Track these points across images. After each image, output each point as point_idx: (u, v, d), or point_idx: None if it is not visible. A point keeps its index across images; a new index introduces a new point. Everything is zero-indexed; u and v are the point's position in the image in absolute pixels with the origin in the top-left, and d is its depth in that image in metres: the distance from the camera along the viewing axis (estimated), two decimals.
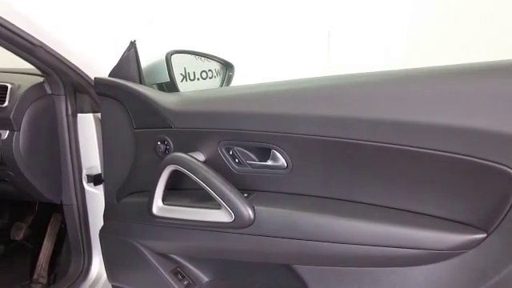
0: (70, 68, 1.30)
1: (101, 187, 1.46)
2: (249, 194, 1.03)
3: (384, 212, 0.92)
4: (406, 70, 0.95)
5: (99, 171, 1.45)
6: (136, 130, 1.15)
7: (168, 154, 1.09)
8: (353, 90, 0.95)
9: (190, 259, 1.21)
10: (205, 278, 1.22)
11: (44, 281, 1.77)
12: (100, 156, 1.43)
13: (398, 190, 0.91)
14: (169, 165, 1.02)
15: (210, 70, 1.44)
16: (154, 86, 1.30)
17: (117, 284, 1.28)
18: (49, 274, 1.80)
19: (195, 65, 1.40)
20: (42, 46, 1.21)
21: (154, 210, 1.06)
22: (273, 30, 3.64)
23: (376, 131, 0.87)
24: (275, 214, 0.98)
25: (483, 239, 0.84)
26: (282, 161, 1.00)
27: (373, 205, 0.94)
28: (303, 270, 1.00)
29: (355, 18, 3.68)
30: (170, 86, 1.29)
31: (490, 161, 0.79)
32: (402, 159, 0.87)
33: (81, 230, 1.52)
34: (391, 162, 0.89)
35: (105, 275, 1.38)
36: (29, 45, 1.19)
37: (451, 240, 0.85)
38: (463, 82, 0.86)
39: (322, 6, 3.70)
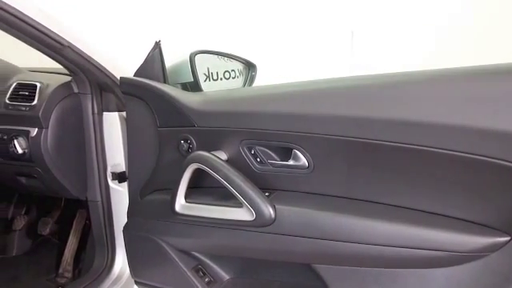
0: (97, 68, 1.33)
1: (125, 184, 1.48)
2: (270, 193, 1.04)
3: (405, 213, 0.92)
4: (428, 70, 0.94)
5: (124, 169, 1.48)
6: (160, 129, 1.17)
7: (191, 152, 1.10)
8: (375, 90, 0.95)
9: (212, 257, 1.22)
10: (226, 276, 1.23)
11: (69, 275, 1.82)
12: (125, 154, 1.46)
13: (419, 191, 0.91)
14: (192, 163, 1.04)
15: (232, 70, 1.46)
16: (178, 85, 1.32)
17: (139, 280, 1.30)
18: (73, 269, 1.84)
19: (218, 65, 1.42)
20: (70, 46, 1.24)
21: (177, 208, 1.08)
22: (296, 30, 3.63)
23: (398, 132, 0.86)
24: (296, 214, 0.98)
25: (507, 242, 0.83)
26: (303, 160, 1.01)
27: (394, 206, 0.94)
28: (323, 270, 1.00)
29: (379, 17, 3.65)
30: (194, 86, 1.30)
31: None
32: (423, 160, 0.86)
33: (105, 226, 1.55)
34: (412, 162, 0.88)
35: (128, 271, 1.41)
36: (57, 45, 1.22)
37: (474, 242, 0.84)
38: (487, 83, 0.85)
39: (345, 6, 3.68)
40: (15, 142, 1.43)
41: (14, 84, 1.49)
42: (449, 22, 3.44)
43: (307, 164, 1.00)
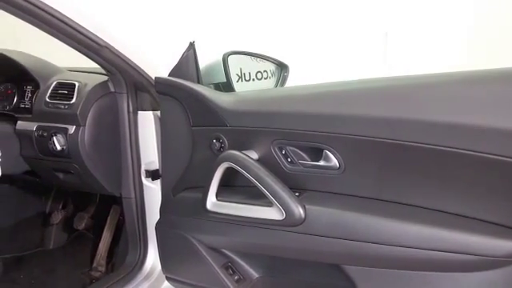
0: (133, 68, 1.36)
1: (158, 182, 1.51)
2: (300, 193, 1.04)
3: (436, 215, 0.90)
4: (460, 72, 0.93)
5: (157, 167, 1.51)
6: (193, 128, 1.19)
7: (223, 151, 1.12)
8: (407, 91, 0.94)
9: (241, 255, 1.23)
10: (255, 274, 1.24)
11: (103, 269, 1.86)
12: (158, 152, 1.48)
13: (451, 193, 0.89)
14: (223, 162, 1.06)
15: (265, 71, 1.47)
16: (211, 85, 1.34)
17: (170, 275, 1.33)
18: (107, 263, 1.88)
19: (251, 65, 1.43)
20: (107, 47, 1.27)
21: (208, 206, 1.10)
22: (330, 31, 3.62)
23: (430, 133, 0.86)
24: (326, 214, 0.98)
25: None
26: (334, 161, 1.01)
27: (425, 208, 0.93)
28: (352, 271, 1.00)
29: (413, 18, 3.59)
30: (227, 86, 1.32)
31: None
32: (456, 162, 0.85)
33: (138, 222, 1.58)
34: (445, 165, 0.87)
35: (159, 266, 1.44)
36: (95, 45, 1.26)
37: (507, 247, 0.82)
38: None
39: (379, 7, 3.64)
40: (54, 138, 1.48)
41: (54, 83, 1.55)
42: (483, 23, 3.35)
43: (338, 165, 1.00)
